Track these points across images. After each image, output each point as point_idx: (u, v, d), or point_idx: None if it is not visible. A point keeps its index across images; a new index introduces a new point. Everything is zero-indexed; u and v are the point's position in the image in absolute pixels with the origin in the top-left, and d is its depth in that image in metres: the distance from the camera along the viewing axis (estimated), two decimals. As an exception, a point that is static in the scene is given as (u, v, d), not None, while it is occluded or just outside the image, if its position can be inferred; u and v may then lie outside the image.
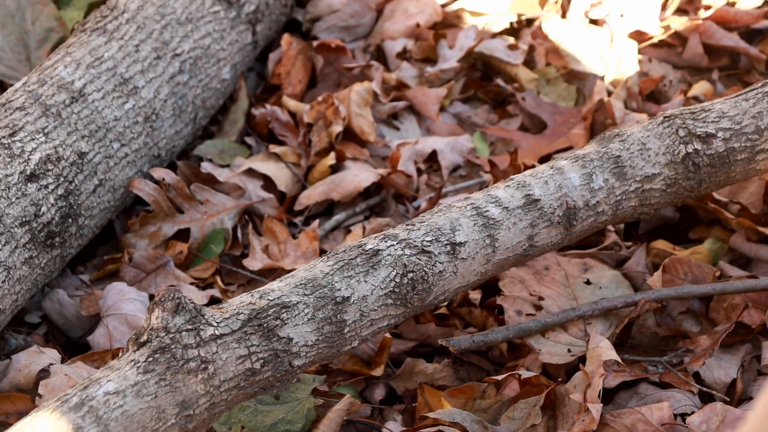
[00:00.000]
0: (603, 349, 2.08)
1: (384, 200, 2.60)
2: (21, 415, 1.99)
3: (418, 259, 1.94)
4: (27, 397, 2.08)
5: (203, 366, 1.70)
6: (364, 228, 2.47)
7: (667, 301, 2.23)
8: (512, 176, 2.13)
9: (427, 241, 1.96)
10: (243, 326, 1.77)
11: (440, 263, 1.96)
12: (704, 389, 2.11)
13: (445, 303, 2.22)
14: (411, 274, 1.92)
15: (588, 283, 2.27)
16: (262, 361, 1.77)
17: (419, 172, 2.66)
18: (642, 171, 2.16)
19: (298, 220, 2.55)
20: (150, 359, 1.67)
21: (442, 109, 2.82)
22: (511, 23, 3.00)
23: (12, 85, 2.40)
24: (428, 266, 1.95)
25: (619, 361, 2.08)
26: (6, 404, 2.06)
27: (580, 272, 2.29)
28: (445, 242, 1.98)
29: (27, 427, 1.58)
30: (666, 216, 2.46)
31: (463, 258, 1.99)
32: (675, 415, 2.03)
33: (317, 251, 2.43)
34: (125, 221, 2.47)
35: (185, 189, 2.48)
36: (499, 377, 2.09)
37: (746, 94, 2.26)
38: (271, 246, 2.45)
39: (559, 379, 2.09)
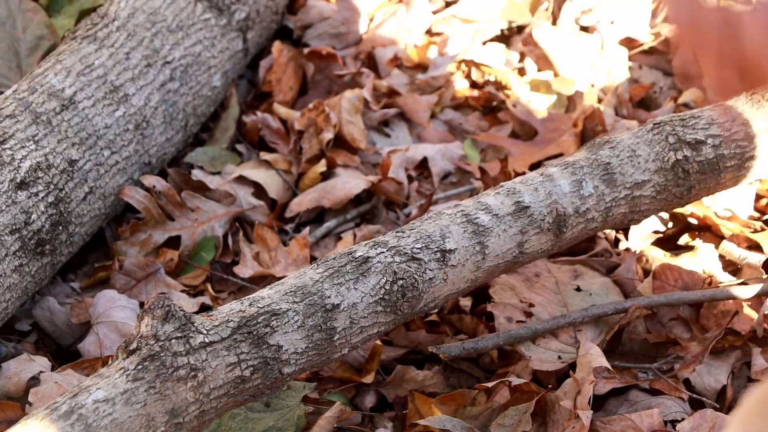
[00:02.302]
0: (593, 355, 2.08)
1: (375, 207, 2.60)
2: (10, 423, 1.98)
3: (408, 266, 1.94)
4: (17, 404, 2.07)
5: (193, 374, 1.70)
6: (354, 235, 2.47)
7: (658, 308, 2.24)
8: (502, 183, 2.13)
9: (417, 249, 1.96)
10: (233, 334, 1.76)
11: (430, 270, 1.96)
12: (694, 396, 2.11)
13: (436, 310, 2.22)
14: (401, 282, 1.92)
15: (578, 290, 2.28)
16: (251, 368, 1.77)
17: (410, 179, 2.66)
18: (632, 178, 2.17)
19: (288, 227, 2.55)
20: (139, 367, 1.67)
21: (432, 116, 2.82)
22: (501, 30, 3.00)
23: (2, 92, 2.40)
24: (418, 273, 1.95)
25: (609, 367, 2.08)
26: (-4, 412, 2.06)
27: (571, 279, 2.30)
28: (435, 249, 1.98)
29: (16, 436, 1.58)
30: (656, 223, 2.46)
31: (453, 265, 1.99)
32: (665, 422, 2.03)
33: (308, 258, 2.43)
34: (116, 229, 2.47)
35: (176, 196, 2.48)
36: (490, 384, 2.09)
37: (736, 101, 2.26)
38: (261, 253, 2.45)
39: (549, 386, 2.09)
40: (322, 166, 2.61)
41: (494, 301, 2.24)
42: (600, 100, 2.80)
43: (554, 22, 2.99)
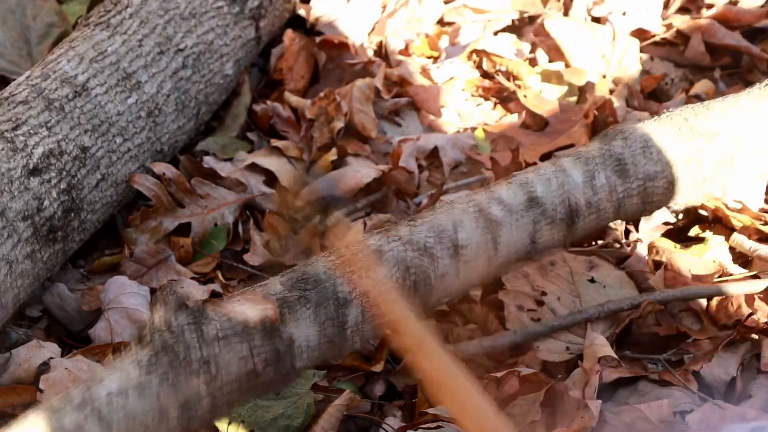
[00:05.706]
0: (598, 345, 2.09)
1: (385, 196, 2.60)
2: (26, 406, 1.99)
3: (421, 260, 1.93)
4: (32, 388, 2.08)
5: (205, 366, 1.70)
6: (365, 224, 2.47)
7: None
8: (514, 174, 2.13)
9: (430, 243, 1.96)
10: (245, 325, 1.76)
11: (443, 265, 1.95)
12: (702, 395, 2.10)
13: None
14: (413, 277, 1.92)
15: (592, 281, 2.27)
16: (264, 361, 1.77)
17: (420, 168, 2.66)
18: (644, 169, 2.16)
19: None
20: (153, 359, 1.67)
21: (443, 105, 2.82)
22: (513, 20, 3.00)
23: (13, 80, 2.40)
24: (431, 268, 1.94)
25: (615, 357, 2.08)
26: (11, 396, 2.07)
27: (586, 270, 2.29)
28: (448, 243, 1.97)
29: (29, 426, 1.58)
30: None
31: (466, 260, 1.98)
32: (674, 413, 2.03)
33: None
34: (127, 216, 2.48)
35: (186, 183, 2.48)
36: (499, 374, 2.09)
37: (748, 92, 2.26)
38: (272, 241, 2.45)
39: (559, 376, 2.10)
40: (332, 155, 2.61)
41: (506, 288, 2.24)
42: (611, 91, 2.80)
43: (566, 13, 2.99)
